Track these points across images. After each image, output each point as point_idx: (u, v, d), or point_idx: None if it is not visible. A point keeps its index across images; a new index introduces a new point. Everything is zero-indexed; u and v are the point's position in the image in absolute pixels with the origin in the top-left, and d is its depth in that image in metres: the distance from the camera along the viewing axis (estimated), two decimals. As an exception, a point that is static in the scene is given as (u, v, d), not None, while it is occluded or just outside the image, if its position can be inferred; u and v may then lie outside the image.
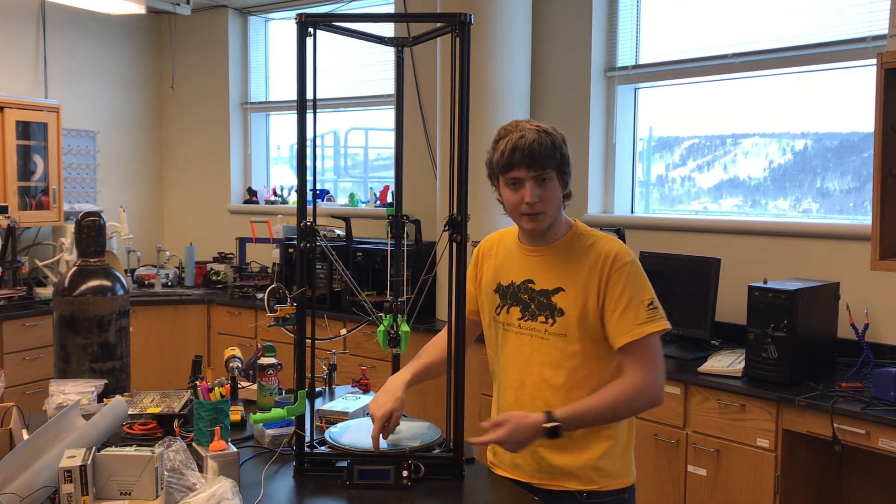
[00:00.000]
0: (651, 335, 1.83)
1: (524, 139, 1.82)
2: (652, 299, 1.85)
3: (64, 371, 2.49)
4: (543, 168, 1.83)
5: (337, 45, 5.12)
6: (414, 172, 4.56)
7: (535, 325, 1.91)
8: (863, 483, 3.16)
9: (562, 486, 1.90)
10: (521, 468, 1.95)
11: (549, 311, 1.89)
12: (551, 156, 1.83)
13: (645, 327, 1.82)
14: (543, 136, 1.82)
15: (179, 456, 1.72)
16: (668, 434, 3.09)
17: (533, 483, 1.94)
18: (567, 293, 1.88)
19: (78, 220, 2.56)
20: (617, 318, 1.83)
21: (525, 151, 1.81)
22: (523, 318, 1.93)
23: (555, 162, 1.84)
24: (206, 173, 5.93)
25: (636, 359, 1.83)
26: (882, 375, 2.70)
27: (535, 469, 1.93)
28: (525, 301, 1.93)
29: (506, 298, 1.98)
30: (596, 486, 1.90)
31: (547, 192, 1.85)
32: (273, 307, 1.99)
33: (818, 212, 3.62)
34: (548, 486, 1.92)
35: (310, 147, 1.90)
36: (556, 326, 1.88)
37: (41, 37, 5.25)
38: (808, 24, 3.50)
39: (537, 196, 1.83)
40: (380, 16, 4.13)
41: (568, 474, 1.90)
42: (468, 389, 1.98)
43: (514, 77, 4.06)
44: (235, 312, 4.89)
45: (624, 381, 1.84)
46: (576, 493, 1.90)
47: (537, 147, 1.81)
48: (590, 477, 1.89)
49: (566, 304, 1.87)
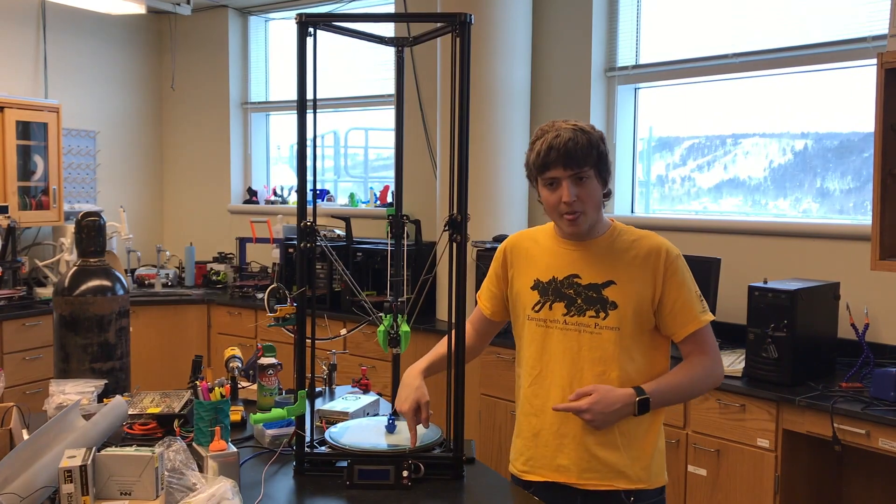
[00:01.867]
0: (707, 325, 1.92)
1: (559, 138, 1.81)
2: (699, 292, 1.93)
3: (64, 371, 2.49)
4: (581, 167, 1.82)
5: (337, 45, 5.12)
6: (414, 172, 4.56)
7: (584, 319, 1.89)
8: (863, 483, 3.16)
9: (611, 485, 1.89)
10: (568, 469, 1.90)
11: (601, 305, 1.88)
12: (588, 154, 1.82)
13: (704, 316, 1.91)
14: (580, 135, 1.82)
15: (179, 456, 1.72)
16: (668, 434, 3.08)
17: (578, 484, 1.90)
18: (619, 286, 1.87)
19: (78, 220, 2.56)
20: (679, 309, 1.88)
21: (561, 150, 1.80)
22: (569, 313, 1.91)
23: (592, 160, 1.83)
24: (206, 173, 5.94)
25: (700, 346, 1.91)
26: (882, 375, 2.70)
27: (582, 469, 1.89)
28: (570, 296, 1.91)
29: (547, 294, 1.94)
30: (643, 485, 1.90)
31: (585, 191, 1.84)
32: (273, 307, 1.99)
33: (818, 212, 3.62)
34: (595, 486, 1.89)
35: (310, 147, 1.90)
36: (609, 320, 1.87)
37: (41, 37, 5.25)
38: (808, 24, 3.50)
39: (575, 195, 1.83)
40: (380, 16, 4.13)
41: (619, 473, 1.88)
42: (468, 389, 1.98)
43: (514, 77, 4.06)
44: (235, 312, 4.89)
45: (695, 364, 1.92)
46: (622, 492, 1.89)
47: (573, 146, 1.80)
48: (639, 476, 1.89)
49: (619, 297, 1.87)
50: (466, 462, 1.93)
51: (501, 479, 1.96)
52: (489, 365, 3.76)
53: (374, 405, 2.37)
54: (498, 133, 4.00)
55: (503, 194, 4.00)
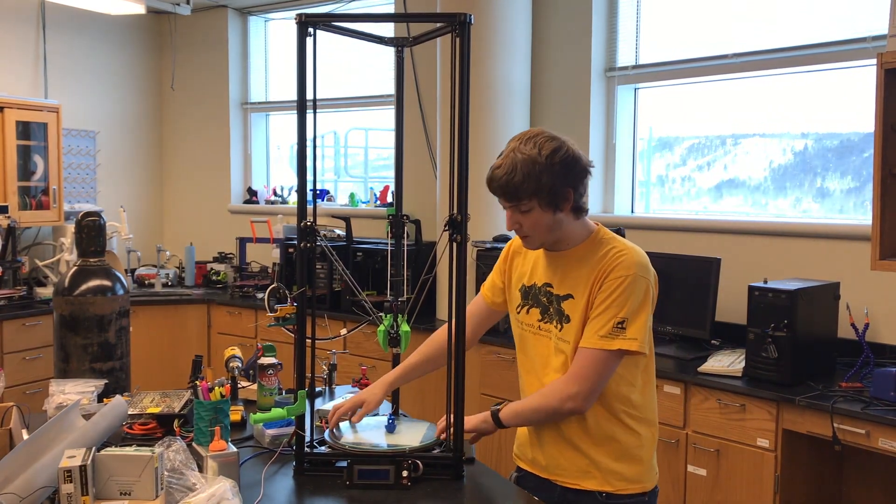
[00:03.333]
0: (602, 350, 1.81)
1: (497, 172, 1.82)
2: (625, 319, 1.80)
3: (64, 371, 2.49)
4: (518, 200, 1.83)
5: (337, 45, 5.12)
6: (414, 172, 4.56)
7: (551, 328, 1.93)
8: (863, 483, 3.16)
9: (578, 484, 1.91)
10: (541, 464, 1.98)
11: (558, 317, 1.91)
12: (522, 189, 1.80)
13: (602, 341, 1.80)
14: (518, 168, 1.79)
15: (179, 456, 1.72)
16: (668, 434, 3.09)
17: (552, 479, 1.95)
18: (575, 300, 1.89)
19: (78, 220, 2.56)
20: (588, 322, 1.84)
21: (496, 185, 1.84)
22: (543, 319, 1.95)
23: (529, 193, 1.81)
24: (206, 173, 5.93)
25: (577, 365, 1.83)
26: (882, 375, 2.70)
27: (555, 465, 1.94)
28: (544, 304, 1.95)
29: (527, 299, 2.00)
30: (620, 488, 1.90)
31: (528, 220, 1.86)
32: (273, 307, 1.99)
33: (818, 212, 3.61)
34: (565, 483, 1.93)
35: (310, 147, 1.90)
36: (564, 332, 1.90)
37: (41, 37, 5.25)
38: (808, 24, 3.50)
39: (517, 223, 1.88)
40: (380, 16, 4.13)
41: (585, 472, 1.90)
42: (468, 389, 1.98)
43: (514, 77, 4.06)
44: (235, 312, 4.89)
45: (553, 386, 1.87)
46: (596, 493, 1.90)
47: (506, 182, 1.81)
48: (606, 478, 1.89)
49: (572, 312, 1.88)
50: (466, 462, 1.93)
51: (501, 479, 1.96)
52: (489, 365, 3.76)
53: (374, 405, 2.37)
54: (498, 133, 4.00)
55: (503, 194, 3.99)
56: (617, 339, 1.80)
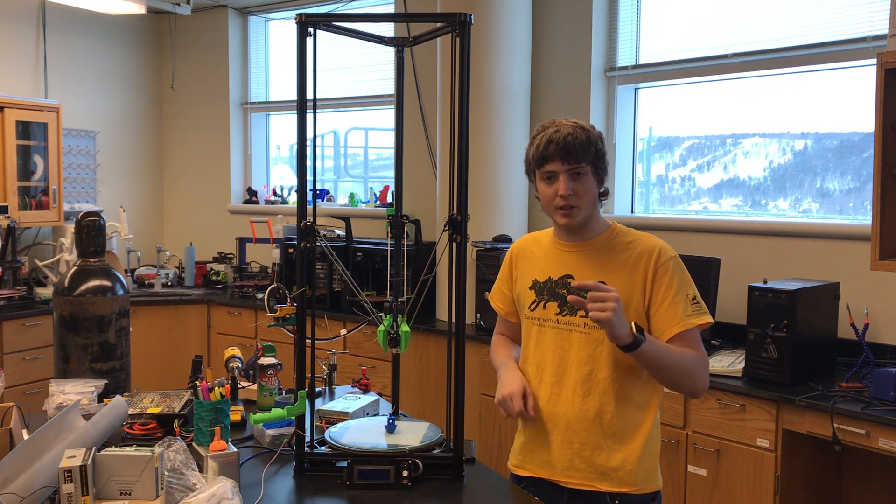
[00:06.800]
0: (696, 327, 1.88)
1: (559, 133, 1.84)
2: (695, 294, 1.90)
3: (64, 371, 2.49)
4: (578, 161, 1.84)
5: (337, 45, 5.12)
6: (414, 172, 4.56)
7: (575, 319, 1.91)
8: (863, 483, 3.16)
9: (592, 486, 1.89)
10: (553, 466, 1.93)
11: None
12: (585, 150, 1.84)
13: (692, 319, 1.86)
14: (579, 131, 1.85)
15: (179, 456, 1.72)
16: (668, 434, 3.09)
17: (562, 482, 1.92)
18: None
19: (78, 220, 2.56)
20: (665, 310, 1.86)
21: (560, 144, 1.83)
22: (561, 312, 1.93)
23: (589, 156, 1.86)
24: (206, 173, 5.94)
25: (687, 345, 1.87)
26: (882, 375, 2.70)
27: (566, 466, 1.91)
28: (563, 296, 1.93)
29: (542, 294, 1.98)
30: (629, 489, 1.89)
31: (581, 186, 1.86)
32: (273, 307, 1.99)
33: (818, 212, 3.62)
34: (577, 485, 1.90)
35: (310, 147, 1.90)
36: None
37: (41, 37, 5.25)
38: (808, 24, 3.50)
39: (571, 189, 1.85)
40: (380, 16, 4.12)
41: (601, 474, 1.89)
42: (468, 389, 1.98)
43: (514, 77, 4.06)
44: (235, 312, 4.89)
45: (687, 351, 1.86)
46: (606, 494, 1.89)
47: (572, 140, 1.83)
48: (623, 479, 1.88)
49: None
50: (466, 462, 1.93)
51: (501, 479, 1.96)
52: (489, 365, 3.74)
53: (374, 405, 2.37)
54: (498, 133, 4.00)
55: (503, 194, 4.00)
56: (699, 315, 1.88)
